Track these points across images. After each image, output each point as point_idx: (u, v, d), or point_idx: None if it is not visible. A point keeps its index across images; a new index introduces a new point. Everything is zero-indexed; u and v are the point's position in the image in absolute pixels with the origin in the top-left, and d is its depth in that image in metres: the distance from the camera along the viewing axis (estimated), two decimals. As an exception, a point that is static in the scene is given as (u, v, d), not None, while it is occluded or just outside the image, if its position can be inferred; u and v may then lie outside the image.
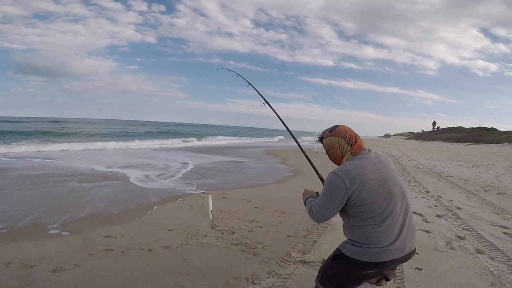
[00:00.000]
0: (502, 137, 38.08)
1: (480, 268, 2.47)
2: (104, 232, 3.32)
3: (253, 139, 34.00)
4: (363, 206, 1.59)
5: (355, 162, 1.65)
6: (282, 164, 10.67)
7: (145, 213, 4.08)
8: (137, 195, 5.11)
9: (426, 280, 2.29)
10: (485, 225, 3.71)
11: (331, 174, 1.65)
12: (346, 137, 1.72)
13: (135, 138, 21.71)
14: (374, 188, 1.58)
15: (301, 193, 2.06)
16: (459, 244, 3.05)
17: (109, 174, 7.13)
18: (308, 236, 3.34)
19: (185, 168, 8.65)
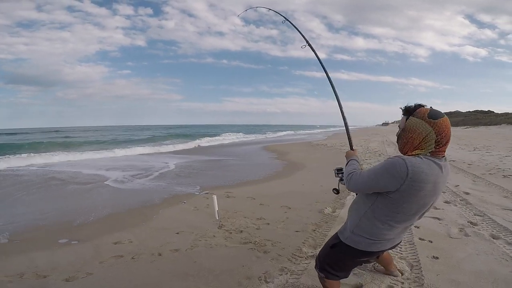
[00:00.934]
0: (499, 119, 38.37)
1: (499, 254, 2.42)
2: (112, 238, 3.28)
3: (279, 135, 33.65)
4: (397, 206, 1.46)
5: (430, 165, 1.40)
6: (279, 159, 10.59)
7: (151, 217, 4.03)
8: (141, 200, 5.06)
9: (445, 268, 2.24)
10: (496, 210, 3.66)
11: (400, 159, 1.39)
12: (441, 135, 1.41)
13: (155, 143, 20.84)
14: (421, 198, 1.44)
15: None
16: (473, 230, 2.99)
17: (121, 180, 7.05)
18: (317, 230, 3.29)
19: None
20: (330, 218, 3.67)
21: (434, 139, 1.40)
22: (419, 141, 1.42)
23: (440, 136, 1.39)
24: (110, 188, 6.13)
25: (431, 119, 1.40)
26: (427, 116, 1.41)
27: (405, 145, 1.49)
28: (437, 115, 1.41)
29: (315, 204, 4.31)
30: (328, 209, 3.99)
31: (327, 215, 3.79)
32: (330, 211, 3.92)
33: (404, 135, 1.49)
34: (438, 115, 1.41)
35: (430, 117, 1.41)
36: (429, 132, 1.40)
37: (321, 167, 8.18)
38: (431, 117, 1.40)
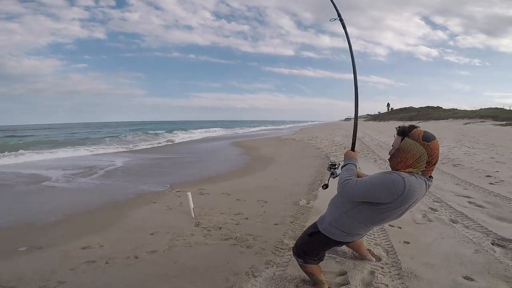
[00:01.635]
0: (447, 114, 42.34)
1: (460, 237, 2.69)
2: (80, 243, 3.08)
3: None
4: (379, 215, 1.63)
5: (421, 184, 1.54)
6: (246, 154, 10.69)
7: (119, 219, 3.83)
8: (103, 200, 4.82)
9: (417, 252, 2.43)
10: (451, 196, 4.06)
11: (400, 177, 1.50)
12: (432, 156, 1.54)
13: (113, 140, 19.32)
14: (401, 211, 1.62)
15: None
16: (434, 215, 3.29)
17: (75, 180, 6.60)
18: (295, 222, 3.39)
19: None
20: (306, 209, 3.79)
21: (426, 159, 1.52)
22: (413, 161, 1.54)
23: (431, 157, 1.53)
24: (58, 188, 5.77)
25: (425, 142, 1.52)
26: (422, 138, 1.53)
27: (398, 164, 1.60)
28: (430, 138, 1.53)
29: (289, 197, 4.43)
30: (303, 201, 4.12)
31: (302, 207, 3.92)
32: (304, 203, 4.06)
33: (398, 154, 1.59)
34: (431, 137, 1.54)
35: (424, 139, 1.53)
36: (422, 153, 1.52)
37: (291, 161, 8.39)
38: (425, 140, 1.52)
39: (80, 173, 7.38)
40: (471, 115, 35.68)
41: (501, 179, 4.93)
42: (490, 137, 13.65)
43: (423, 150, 1.51)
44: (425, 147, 1.51)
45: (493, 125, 25.16)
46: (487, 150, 8.87)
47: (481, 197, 3.94)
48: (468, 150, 8.99)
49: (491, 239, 2.60)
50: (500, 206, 3.50)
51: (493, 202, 3.70)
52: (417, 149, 1.52)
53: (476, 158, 7.45)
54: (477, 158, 7.37)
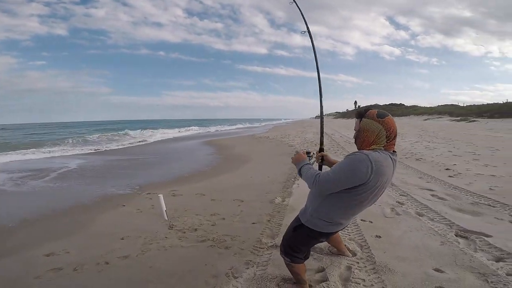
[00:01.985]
0: (408, 110, 44.95)
1: (427, 230, 2.86)
2: (43, 250, 2.91)
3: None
4: (355, 198, 1.64)
5: (386, 158, 1.59)
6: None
7: (85, 224, 3.63)
8: (68, 206, 4.54)
9: (389, 246, 2.56)
10: (415, 189, 4.31)
11: (361, 155, 1.55)
12: (389, 130, 1.62)
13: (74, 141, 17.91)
14: (377, 189, 1.63)
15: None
16: (402, 209, 3.48)
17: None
18: (272, 220, 3.41)
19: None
20: (281, 207, 3.84)
21: (385, 135, 1.62)
22: (374, 137, 1.63)
23: (389, 132, 1.62)
24: (8, 192, 5.40)
25: (379, 118, 1.63)
26: (376, 116, 1.64)
27: (362, 143, 1.69)
28: (383, 114, 1.64)
29: (265, 195, 4.45)
30: (278, 199, 4.16)
31: (278, 204, 3.96)
32: (280, 201, 4.10)
33: (360, 135, 1.70)
34: (385, 114, 1.65)
35: (378, 116, 1.64)
36: (380, 129, 1.62)
37: (266, 159, 8.46)
38: (379, 117, 1.64)
39: (33, 175, 6.88)
40: (430, 111, 38.14)
41: (458, 172, 5.33)
42: (447, 132, 14.73)
43: (380, 126, 1.62)
44: (381, 123, 1.62)
45: (449, 121, 27.13)
46: (445, 144, 9.56)
47: (442, 190, 4.23)
48: (428, 145, 9.62)
49: (454, 230, 2.79)
50: (459, 198, 3.78)
51: (453, 194, 3.99)
52: (375, 126, 1.63)
53: (436, 152, 8.00)
54: (437, 152, 7.91)
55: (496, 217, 3.10)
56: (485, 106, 29.96)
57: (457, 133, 14.08)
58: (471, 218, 3.12)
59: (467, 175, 5.10)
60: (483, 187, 4.26)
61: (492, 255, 2.31)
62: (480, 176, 4.99)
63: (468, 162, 6.34)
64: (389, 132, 1.62)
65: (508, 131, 13.78)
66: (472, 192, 4.03)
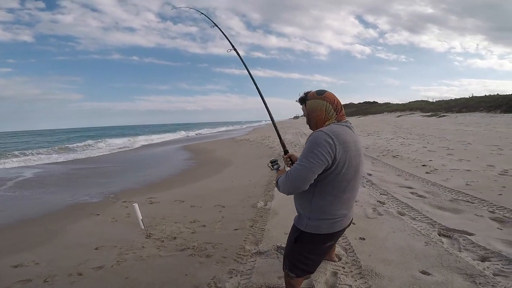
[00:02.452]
0: (382, 108, 46.29)
1: (410, 230, 2.84)
2: (9, 261, 2.77)
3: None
4: (338, 174, 1.54)
5: (343, 128, 1.60)
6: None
7: (57, 234, 3.46)
8: (36, 215, 4.31)
9: (373, 248, 2.52)
10: (394, 188, 4.35)
11: (317, 132, 1.55)
12: (334, 103, 1.67)
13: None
14: (351, 159, 1.56)
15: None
16: (383, 209, 3.47)
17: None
18: (255, 225, 3.31)
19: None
20: (264, 211, 3.74)
21: (332, 108, 1.66)
22: (324, 114, 1.67)
23: (334, 104, 1.67)
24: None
25: (320, 95, 1.69)
26: (316, 94, 1.71)
27: (316, 124, 1.70)
28: (321, 91, 1.72)
29: (247, 199, 4.34)
30: (261, 203, 4.07)
31: (260, 209, 3.86)
32: (262, 205, 4.01)
33: (311, 117, 1.72)
34: (322, 91, 1.72)
35: (318, 94, 1.70)
36: (325, 104, 1.66)
37: (247, 162, 8.34)
38: (319, 94, 1.70)
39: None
40: (402, 108, 39.47)
41: (435, 168, 5.46)
42: (420, 128, 15.26)
43: (323, 102, 1.67)
44: (324, 99, 1.67)
45: (421, 117, 28.18)
46: (420, 140, 9.86)
47: (421, 187, 4.28)
48: (404, 141, 9.88)
49: (437, 229, 2.79)
50: (438, 195, 3.83)
51: (432, 191, 4.04)
52: (319, 103, 1.68)
53: (412, 148, 8.21)
54: (412, 148, 8.12)
55: (476, 214, 3.14)
56: (453, 101, 31.54)
57: (430, 128, 14.63)
58: (452, 216, 3.15)
59: (443, 170, 5.23)
60: (460, 183, 4.35)
61: (477, 254, 2.31)
62: (456, 171, 5.12)
63: (443, 157, 6.52)
64: (334, 105, 1.66)
65: (477, 125, 14.48)
66: (450, 189, 4.10)
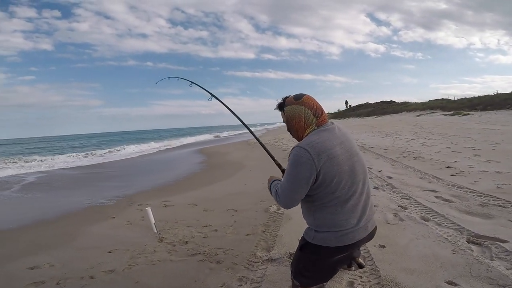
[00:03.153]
0: (400, 107, 44.97)
1: (435, 236, 2.63)
2: (26, 263, 2.82)
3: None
4: (328, 185, 1.45)
5: (321, 135, 1.51)
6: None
7: (73, 236, 3.52)
8: (55, 216, 4.43)
9: (394, 256, 2.33)
10: (417, 191, 4.09)
11: (295, 148, 1.49)
12: (313, 108, 1.58)
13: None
14: (340, 164, 1.46)
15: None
16: (405, 214, 3.24)
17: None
18: (267, 231, 3.19)
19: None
20: (277, 216, 3.62)
21: (310, 113, 1.57)
22: (303, 121, 1.58)
23: (313, 109, 1.57)
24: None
25: (297, 100, 1.60)
26: (293, 99, 1.62)
27: (297, 131, 1.62)
28: (299, 95, 1.63)
29: (260, 203, 4.22)
30: (273, 207, 3.94)
31: (273, 213, 3.74)
32: (275, 209, 3.88)
33: (290, 124, 1.65)
34: (300, 95, 1.62)
35: (296, 99, 1.61)
36: (303, 110, 1.57)
37: (260, 165, 8.18)
38: (297, 99, 1.61)
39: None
40: (421, 107, 37.97)
41: (461, 170, 5.11)
42: (442, 128, 14.60)
43: (301, 107, 1.58)
44: (301, 104, 1.59)
45: (442, 116, 27.01)
46: (443, 140, 9.38)
47: (446, 191, 4.01)
48: (425, 142, 9.44)
49: (465, 236, 2.57)
50: (466, 199, 3.56)
51: (459, 195, 3.76)
52: (297, 109, 1.59)
53: (434, 149, 7.81)
54: (435, 149, 7.72)
55: (510, 219, 2.87)
56: (477, 99, 29.93)
57: (453, 128, 13.96)
58: (482, 222, 2.89)
59: (471, 172, 4.89)
60: (490, 186, 4.03)
61: (510, 263, 2.08)
62: (485, 173, 4.77)
63: (469, 158, 6.13)
64: (313, 110, 1.58)
65: (505, 123, 13.65)
66: (479, 192, 3.80)
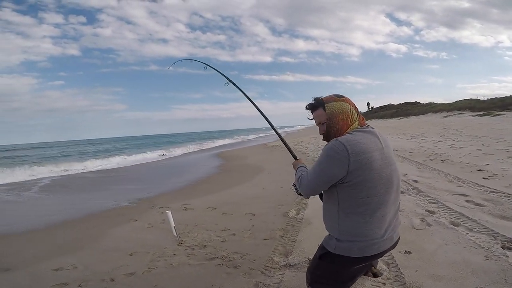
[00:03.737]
0: (426, 108, 43.22)
1: (466, 242, 2.47)
2: (52, 264, 2.89)
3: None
4: (361, 190, 1.37)
5: (363, 135, 1.42)
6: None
7: (96, 239, 3.61)
8: (84, 217, 4.60)
9: (421, 263, 2.21)
10: (446, 195, 3.87)
11: (334, 141, 1.40)
12: (354, 106, 1.53)
13: None
14: (377, 170, 1.36)
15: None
16: (433, 219, 3.07)
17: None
18: (285, 235, 3.13)
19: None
20: (296, 221, 3.54)
21: (354, 111, 1.51)
22: (350, 118, 1.49)
23: (355, 108, 1.52)
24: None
25: (341, 97, 1.53)
26: (336, 97, 1.54)
27: (341, 130, 1.49)
28: (340, 95, 1.56)
29: (278, 207, 4.16)
30: (292, 212, 3.86)
31: (292, 218, 3.66)
32: (294, 214, 3.80)
33: (334, 121, 1.49)
34: (341, 95, 1.56)
35: (338, 97, 1.53)
36: (349, 106, 1.50)
37: (279, 168, 8.13)
38: (339, 97, 1.53)
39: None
40: (448, 108, 36.26)
41: (493, 173, 4.80)
42: (471, 129, 13.86)
43: (347, 104, 1.51)
44: (345, 101, 1.51)
45: (471, 116, 25.67)
46: (472, 142, 8.89)
47: (478, 194, 3.76)
48: (453, 144, 8.98)
49: (500, 242, 2.38)
50: (500, 204, 3.32)
51: (492, 199, 3.52)
52: (344, 105, 1.50)
53: (463, 151, 7.41)
54: (464, 152, 7.32)
55: (548, 224, 2.65)
56: (509, 98, 28.06)
57: (483, 129, 13.21)
58: (519, 227, 2.68)
59: (505, 176, 4.57)
60: (526, 189, 3.75)
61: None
62: (520, 176, 4.45)
63: (503, 160, 5.75)
64: (355, 108, 1.53)
65: (540, 124, 12.77)
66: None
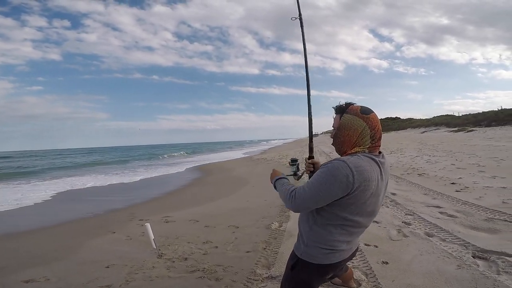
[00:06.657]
0: (405, 124, 44.81)
1: (440, 252, 2.57)
2: (22, 276, 2.80)
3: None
4: (345, 210, 1.37)
5: (371, 162, 1.36)
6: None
7: (72, 250, 3.50)
8: (60, 227, 4.54)
9: (398, 273, 2.28)
10: (421, 207, 4.03)
11: (341, 162, 1.31)
12: (374, 129, 1.40)
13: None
14: (369, 199, 1.37)
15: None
16: (409, 230, 3.18)
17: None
18: (268, 248, 3.14)
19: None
20: (278, 233, 3.56)
21: (369, 134, 1.39)
22: (356, 137, 1.40)
23: (374, 131, 1.40)
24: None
25: (364, 114, 1.41)
26: (360, 111, 1.42)
27: (343, 144, 1.45)
28: (368, 110, 1.43)
29: (261, 220, 4.18)
30: (275, 224, 3.89)
31: (274, 230, 3.68)
32: (277, 226, 3.83)
33: (340, 133, 1.45)
34: (369, 110, 1.43)
35: (362, 112, 1.41)
36: (364, 127, 1.39)
37: (263, 181, 8.15)
38: (363, 112, 1.41)
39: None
40: (426, 123, 37.56)
41: (465, 186, 5.05)
42: (446, 144, 14.49)
43: (363, 123, 1.40)
44: (365, 120, 1.40)
45: (447, 132, 26.77)
46: (447, 157, 9.30)
47: (450, 206, 3.95)
48: (429, 159, 9.36)
49: (471, 251, 2.51)
50: (471, 215, 3.50)
51: (464, 210, 3.71)
52: (358, 123, 1.40)
53: (438, 166, 7.74)
54: (439, 166, 7.65)
55: (516, 234, 2.81)
56: (481, 115, 29.58)
57: (457, 144, 13.84)
58: (488, 236, 2.84)
59: (475, 188, 4.82)
60: (495, 201, 3.97)
61: (518, 277, 2.02)
62: (490, 189, 4.71)
63: (474, 174, 6.07)
64: (374, 131, 1.40)
65: (509, 140, 13.50)
66: (484, 207, 3.74)
